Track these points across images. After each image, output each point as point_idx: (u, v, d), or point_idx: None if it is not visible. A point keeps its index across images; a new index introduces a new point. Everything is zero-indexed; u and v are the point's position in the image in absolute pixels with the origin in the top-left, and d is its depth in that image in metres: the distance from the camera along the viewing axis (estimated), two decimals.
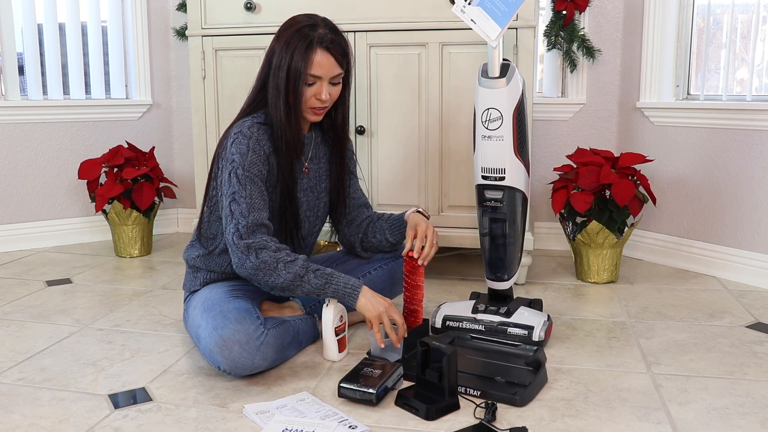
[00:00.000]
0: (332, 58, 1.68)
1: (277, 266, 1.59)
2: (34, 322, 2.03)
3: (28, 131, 2.94)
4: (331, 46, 1.67)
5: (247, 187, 1.64)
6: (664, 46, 2.63)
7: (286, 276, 1.59)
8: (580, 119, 2.89)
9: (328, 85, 1.70)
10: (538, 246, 2.94)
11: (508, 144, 1.72)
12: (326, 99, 1.70)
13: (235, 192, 1.63)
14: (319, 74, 1.67)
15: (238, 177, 1.64)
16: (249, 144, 1.66)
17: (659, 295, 2.28)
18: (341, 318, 1.70)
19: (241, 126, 1.69)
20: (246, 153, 1.65)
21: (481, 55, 2.24)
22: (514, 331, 1.78)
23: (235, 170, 1.64)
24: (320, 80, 1.68)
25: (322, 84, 1.69)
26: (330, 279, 1.62)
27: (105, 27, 3.13)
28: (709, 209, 2.53)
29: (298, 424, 1.37)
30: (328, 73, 1.68)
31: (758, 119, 2.34)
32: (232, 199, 1.63)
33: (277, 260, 1.60)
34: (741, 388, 1.57)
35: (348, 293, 1.62)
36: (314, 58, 1.66)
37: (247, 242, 1.60)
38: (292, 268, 1.59)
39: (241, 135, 1.66)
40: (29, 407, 1.48)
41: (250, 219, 1.61)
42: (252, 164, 1.65)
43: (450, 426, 1.39)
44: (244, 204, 1.62)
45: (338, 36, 1.71)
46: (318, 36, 1.67)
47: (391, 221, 1.91)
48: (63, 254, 2.87)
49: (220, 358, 1.54)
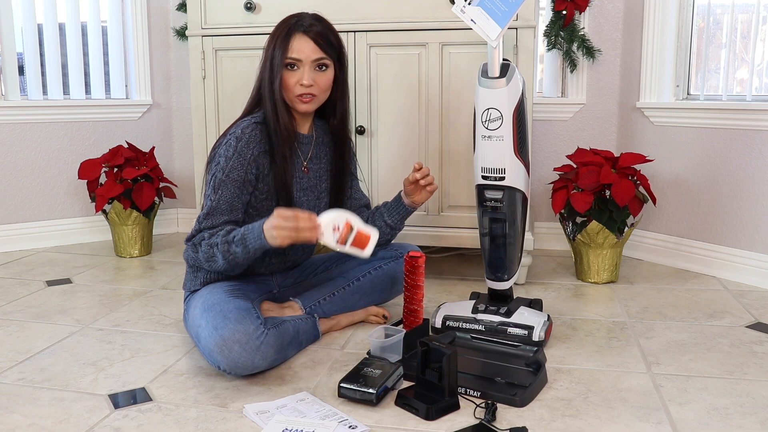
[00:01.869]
0: (311, 42, 1.71)
1: (213, 252, 1.63)
2: (34, 322, 2.03)
3: (28, 131, 2.94)
4: (309, 30, 1.71)
5: (219, 191, 1.67)
6: (664, 46, 2.63)
7: (220, 258, 1.63)
8: (580, 119, 2.89)
9: (313, 71, 1.72)
10: (538, 246, 2.94)
11: (508, 144, 1.72)
12: (309, 83, 1.71)
13: (208, 195, 1.69)
14: (298, 56, 1.70)
15: (215, 180, 1.68)
16: (237, 147, 1.68)
17: (659, 295, 2.28)
18: (337, 227, 1.53)
19: (236, 127, 1.72)
20: (231, 157, 1.68)
21: (481, 55, 2.24)
22: (514, 331, 1.78)
23: (215, 173, 1.69)
24: (301, 64, 1.71)
25: (303, 68, 1.71)
26: (244, 241, 1.58)
27: (105, 27, 3.13)
28: (709, 209, 2.53)
29: (298, 424, 1.37)
30: (308, 57, 1.70)
31: (758, 119, 2.34)
32: (203, 203, 1.70)
33: (210, 246, 1.63)
34: (741, 388, 1.57)
35: (261, 244, 1.56)
36: (292, 43, 1.70)
37: (192, 243, 1.67)
38: (220, 248, 1.61)
39: (233, 137, 1.70)
40: (29, 407, 1.48)
41: (204, 224, 1.67)
42: (233, 169, 1.67)
43: (450, 426, 1.39)
44: (206, 208, 1.68)
45: (321, 24, 1.74)
46: (297, 23, 1.72)
47: (387, 206, 1.94)
48: (63, 254, 2.87)
49: (220, 358, 1.54)
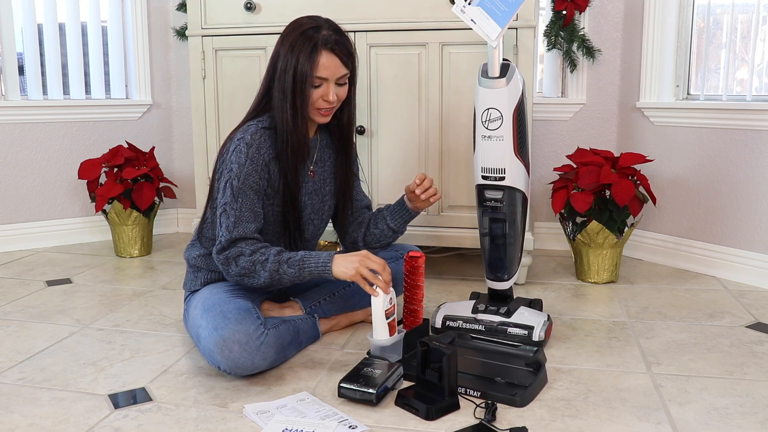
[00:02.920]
0: (337, 59, 1.69)
1: (255, 269, 1.62)
2: (34, 322, 2.03)
3: (28, 131, 2.94)
4: (336, 47, 1.68)
5: (239, 199, 1.65)
6: (664, 46, 2.62)
7: (264, 275, 1.62)
8: (580, 119, 2.89)
9: (335, 86, 1.71)
10: (538, 246, 2.94)
11: (508, 144, 1.72)
12: (334, 100, 1.71)
13: (227, 203, 1.66)
14: (326, 76, 1.68)
15: (233, 188, 1.65)
16: (248, 153, 1.66)
17: (659, 295, 2.28)
18: (390, 300, 1.66)
19: (245, 132, 1.69)
20: (244, 163, 1.66)
21: (481, 55, 2.24)
22: (514, 331, 1.78)
23: (230, 180, 1.66)
24: (326, 82, 1.69)
25: (329, 85, 1.70)
26: (303, 263, 1.62)
27: (105, 27, 3.13)
28: (709, 209, 2.53)
29: (298, 424, 1.37)
30: (334, 75, 1.69)
31: (758, 119, 2.34)
32: (222, 210, 1.66)
33: (254, 263, 1.62)
34: (741, 388, 1.57)
35: (322, 269, 1.62)
36: (320, 60, 1.66)
37: (226, 255, 1.64)
38: (267, 266, 1.61)
39: (242, 143, 1.67)
40: (29, 407, 1.48)
41: (235, 233, 1.64)
42: (248, 175, 1.66)
43: (450, 426, 1.39)
44: (232, 217, 1.65)
45: (342, 37, 1.71)
46: (323, 38, 1.67)
47: (390, 209, 1.94)
48: (63, 254, 2.87)
49: (220, 358, 1.54)
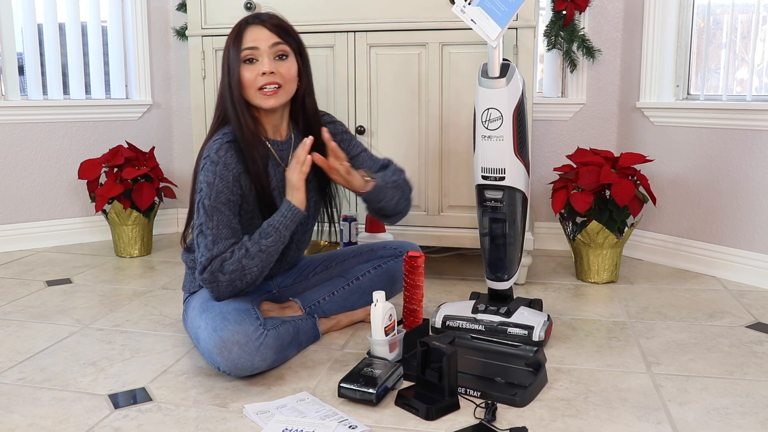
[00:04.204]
0: (265, 30, 1.67)
1: (242, 264, 1.61)
2: (34, 322, 2.03)
3: (28, 131, 2.94)
4: (263, 19, 1.68)
5: (214, 217, 1.62)
6: (664, 46, 2.62)
7: (254, 263, 1.61)
8: (580, 119, 2.89)
9: (273, 61, 1.67)
10: (538, 246, 2.94)
11: (508, 144, 1.72)
12: (270, 70, 1.65)
13: (202, 224, 1.63)
14: (253, 45, 1.66)
15: (205, 207, 1.62)
16: (216, 170, 1.63)
17: (659, 295, 2.28)
18: (390, 317, 1.66)
19: (209, 150, 1.66)
20: (213, 182, 1.62)
21: (481, 55, 2.24)
22: (514, 331, 1.78)
23: (202, 201, 1.63)
24: (258, 53, 1.66)
25: (262, 58, 1.66)
26: (273, 225, 1.63)
27: (105, 27, 3.13)
28: (709, 209, 2.53)
29: (298, 424, 1.37)
30: (265, 43, 1.66)
31: (758, 119, 2.34)
32: (199, 231, 1.64)
33: (239, 260, 1.61)
34: (741, 388, 1.57)
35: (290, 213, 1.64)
36: (246, 35, 1.66)
37: (209, 270, 1.61)
38: (251, 252, 1.61)
39: (208, 161, 1.64)
40: (29, 407, 1.48)
41: (215, 251, 1.61)
42: (219, 193, 1.62)
43: (450, 426, 1.39)
44: (210, 236, 1.62)
45: (273, 16, 1.71)
46: (248, 17, 1.69)
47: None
48: (63, 254, 2.87)
49: (220, 359, 1.54)
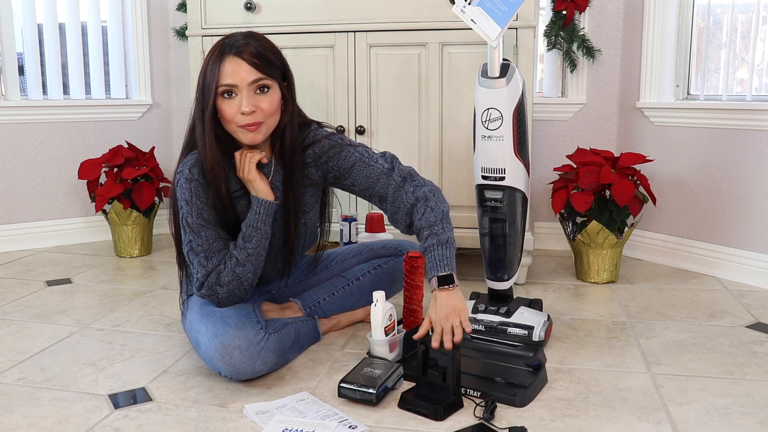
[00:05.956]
0: (245, 64, 1.52)
1: (236, 272, 1.61)
2: (34, 322, 2.03)
3: (28, 131, 2.94)
4: (243, 50, 1.53)
5: (201, 233, 1.60)
6: (664, 46, 2.62)
7: (245, 269, 1.61)
8: (580, 119, 2.89)
9: (253, 95, 1.54)
10: (538, 246, 2.94)
11: (508, 144, 1.72)
12: (250, 110, 1.53)
13: (191, 241, 1.61)
14: (232, 82, 1.52)
15: (191, 225, 1.60)
16: (191, 188, 1.58)
17: (659, 295, 2.28)
18: (390, 317, 1.66)
19: (183, 166, 1.61)
20: (190, 200, 1.59)
21: (481, 55, 2.24)
22: (514, 331, 1.78)
23: (185, 219, 1.61)
24: (237, 89, 1.53)
25: (241, 94, 1.53)
26: (250, 225, 1.61)
27: (105, 27, 3.13)
28: (709, 209, 2.53)
29: (298, 424, 1.37)
30: (243, 80, 1.52)
31: (758, 119, 2.34)
32: (189, 249, 1.62)
33: (232, 269, 1.61)
34: (741, 388, 1.57)
35: (263, 208, 1.61)
36: (223, 67, 1.52)
37: (207, 285, 1.61)
38: (241, 258, 1.60)
39: (182, 178, 1.59)
40: (29, 407, 1.48)
41: (209, 266, 1.61)
42: (200, 210, 1.59)
43: (450, 426, 1.39)
44: (202, 253, 1.61)
45: (255, 41, 1.56)
46: (228, 43, 1.55)
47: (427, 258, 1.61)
48: (63, 254, 2.87)
49: (221, 364, 1.53)
